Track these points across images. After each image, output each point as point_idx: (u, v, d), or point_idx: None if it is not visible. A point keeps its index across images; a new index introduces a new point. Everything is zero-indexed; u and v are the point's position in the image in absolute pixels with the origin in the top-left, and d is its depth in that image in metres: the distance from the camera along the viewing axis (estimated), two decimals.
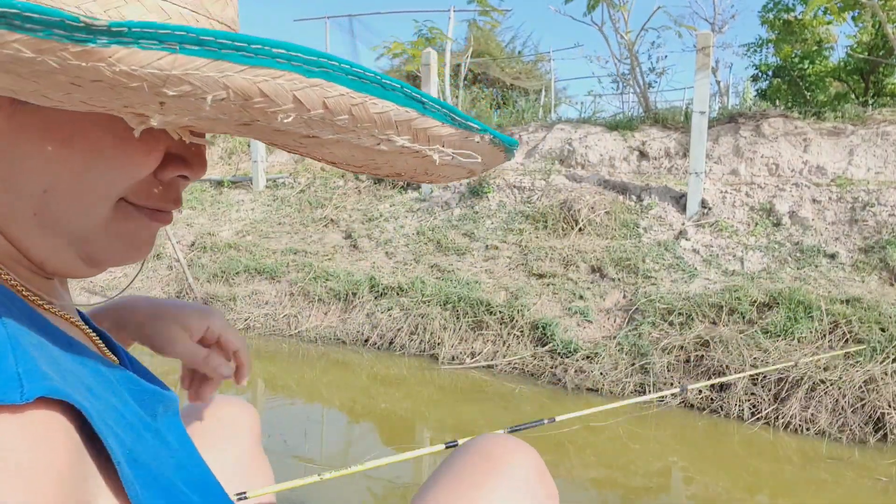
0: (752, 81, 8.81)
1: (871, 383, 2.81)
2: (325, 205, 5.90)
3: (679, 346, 3.30)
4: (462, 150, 0.43)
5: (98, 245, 0.47)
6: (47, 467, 0.34)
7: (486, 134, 0.43)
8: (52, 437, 0.35)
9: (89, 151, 0.43)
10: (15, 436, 0.33)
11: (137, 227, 0.49)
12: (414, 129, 0.39)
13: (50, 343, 0.41)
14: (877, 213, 4.02)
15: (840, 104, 6.11)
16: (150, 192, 0.48)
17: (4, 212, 0.44)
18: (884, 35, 6.12)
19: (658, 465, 2.54)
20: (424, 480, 0.79)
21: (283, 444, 2.51)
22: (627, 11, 6.01)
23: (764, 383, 2.99)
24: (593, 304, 3.86)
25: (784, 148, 4.89)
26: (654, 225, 4.57)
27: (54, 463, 0.35)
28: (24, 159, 0.42)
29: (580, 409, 2.04)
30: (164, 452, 0.49)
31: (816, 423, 2.79)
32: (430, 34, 9.24)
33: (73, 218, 0.45)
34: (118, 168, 0.44)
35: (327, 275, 4.52)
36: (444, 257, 4.68)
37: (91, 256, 0.48)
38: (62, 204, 0.44)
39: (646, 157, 5.43)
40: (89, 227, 0.46)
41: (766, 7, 7.58)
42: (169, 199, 0.50)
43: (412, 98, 0.38)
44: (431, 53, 5.64)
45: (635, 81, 6.41)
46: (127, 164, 0.44)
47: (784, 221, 4.27)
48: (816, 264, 3.83)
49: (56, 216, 0.44)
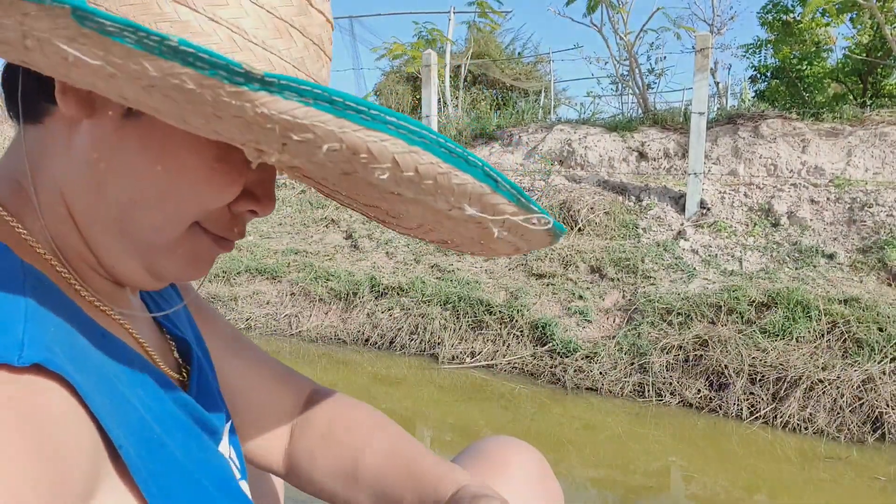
0: (751, 82, 8.84)
1: (869, 383, 2.82)
2: (326, 205, 5.91)
3: (678, 346, 3.31)
4: (518, 228, 0.48)
5: (164, 260, 0.51)
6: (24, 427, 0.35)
7: (543, 217, 0.48)
8: (40, 401, 0.37)
9: (178, 173, 0.47)
10: (13, 393, 0.36)
11: (203, 249, 0.52)
12: (485, 202, 0.44)
13: (76, 331, 0.43)
14: (875, 214, 4.03)
15: (838, 105, 6.13)
16: (222, 220, 0.52)
17: (91, 212, 0.48)
18: (882, 36, 6.13)
19: (657, 465, 2.55)
20: None
21: None
22: (627, 13, 6.03)
23: (762, 383, 3.01)
24: (593, 304, 3.87)
25: (782, 149, 4.91)
26: (653, 225, 4.59)
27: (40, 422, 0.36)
28: (120, 169, 0.46)
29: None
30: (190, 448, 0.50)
31: (815, 423, 2.81)
32: (431, 36, 9.25)
33: (149, 231, 0.49)
34: (200, 194, 0.48)
35: (328, 275, 4.54)
36: (445, 257, 4.69)
37: (155, 269, 0.51)
38: (143, 216, 0.48)
39: (645, 158, 5.44)
40: (162, 242, 0.50)
41: (765, 8, 7.60)
42: (236, 230, 0.54)
43: (489, 176, 0.43)
44: (432, 55, 5.65)
45: (634, 82, 6.43)
46: (209, 192, 0.48)
47: (782, 222, 4.28)
48: (815, 264, 3.85)
49: (135, 226, 0.48)
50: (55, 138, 0.47)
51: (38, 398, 0.37)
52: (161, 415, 0.48)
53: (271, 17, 0.45)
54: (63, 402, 0.39)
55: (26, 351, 0.37)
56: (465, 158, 0.41)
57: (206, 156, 0.47)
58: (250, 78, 0.33)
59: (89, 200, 0.47)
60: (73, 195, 0.48)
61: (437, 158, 0.40)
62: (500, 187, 0.43)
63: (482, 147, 6.24)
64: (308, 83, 0.34)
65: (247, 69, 0.32)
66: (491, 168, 0.43)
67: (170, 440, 0.48)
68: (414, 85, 9.84)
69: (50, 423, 0.37)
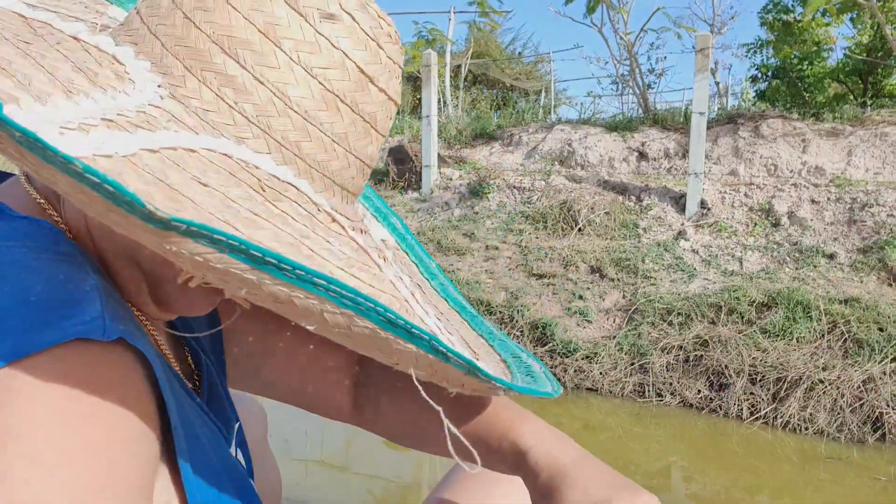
0: (752, 82, 8.83)
1: (869, 383, 2.82)
2: None
3: (678, 346, 3.31)
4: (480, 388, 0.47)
5: (172, 296, 0.50)
6: (120, 398, 0.37)
7: (511, 390, 0.45)
8: (127, 374, 0.38)
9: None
10: (93, 366, 0.36)
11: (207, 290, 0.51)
12: (436, 369, 0.43)
13: (132, 317, 0.45)
14: (875, 214, 4.03)
15: (839, 105, 6.13)
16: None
17: (107, 246, 0.48)
18: (882, 36, 6.13)
19: (658, 465, 2.55)
20: (425, 480, 0.80)
21: (285, 444, 2.52)
22: (627, 13, 6.02)
23: (763, 383, 3.00)
24: (593, 304, 3.87)
25: (783, 149, 4.91)
26: (653, 225, 4.58)
27: (127, 395, 0.38)
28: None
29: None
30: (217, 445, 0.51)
31: (815, 423, 2.80)
32: (431, 35, 9.24)
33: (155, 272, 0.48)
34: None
35: None
36: (445, 257, 4.69)
37: (164, 302, 0.51)
38: (146, 263, 0.47)
39: (645, 158, 5.44)
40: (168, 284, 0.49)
41: (766, 8, 7.60)
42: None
43: (437, 351, 0.41)
44: (432, 55, 5.65)
45: (635, 82, 6.43)
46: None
47: (783, 222, 4.28)
48: (815, 264, 3.84)
49: (142, 266, 0.48)
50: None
51: (127, 375, 0.38)
52: (188, 408, 0.49)
53: (321, 89, 0.44)
54: (144, 377, 0.40)
55: (109, 326, 0.37)
56: (407, 330, 0.39)
57: None
58: (155, 220, 0.31)
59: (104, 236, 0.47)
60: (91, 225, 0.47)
61: (373, 325, 0.38)
62: (452, 361, 0.41)
63: (482, 147, 6.24)
64: (221, 233, 0.32)
65: (150, 210, 0.30)
66: (439, 342, 0.40)
67: (201, 434, 0.48)
68: (414, 85, 9.84)
69: (137, 400, 0.38)
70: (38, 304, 0.35)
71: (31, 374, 0.33)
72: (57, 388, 0.34)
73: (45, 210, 0.47)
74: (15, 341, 0.34)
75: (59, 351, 0.35)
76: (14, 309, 0.35)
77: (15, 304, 0.35)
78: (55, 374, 0.34)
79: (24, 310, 0.35)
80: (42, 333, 0.34)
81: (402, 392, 0.70)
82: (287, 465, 2.34)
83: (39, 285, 0.36)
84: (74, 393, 0.34)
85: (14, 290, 0.36)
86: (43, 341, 0.34)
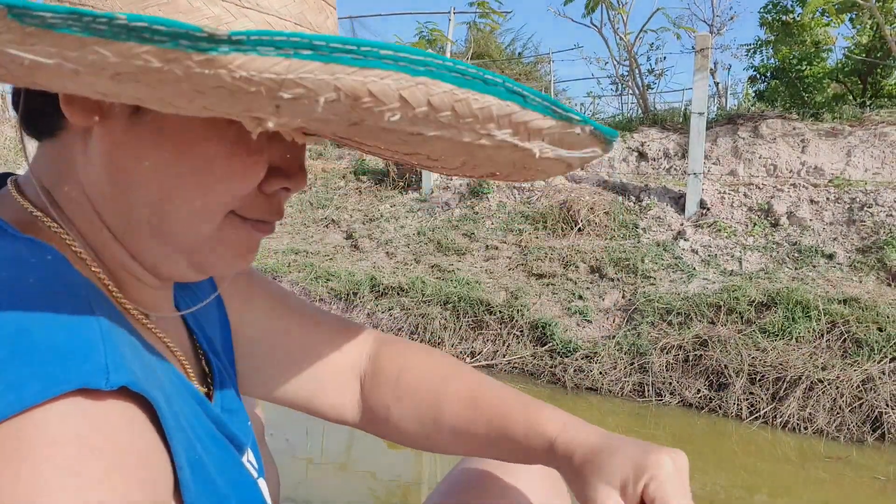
0: (751, 83, 8.84)
1: (868, 383, 2.83)
2: (327, 205, 5.91)
3: (678, 346, 3.31)
4: (563, 142, 0.43)
5: (206, 254, 0.49)
6: (128, 449, 0.36)
7: (586, 125, 0.43)
8: (133, 423, 0.38)
9: (199, 165, 0.45)
10: (99, 417, 0.35)
11: (243, 237, 0.50)
12: (514, 122, 0.40)
13: (137, 346, 0.44)
14: (874, 214, 4.04)
15: (838, 105, 6.13)
16: (256, 204, 0.50)
17: (123, 218, 0.47)
18: (881, 37, 6.14)
19: None
20: (425, 480, 0.80)
21: (286, 443, 2.52)
22: (626, 13, 6.03)
23: (762, 382, 3.01)
24: (592, 304, 3.88)
25: (782, 149, 4.91)
26: (652, 225, 4.59)
27: (135, 445, 0.37)
28: (140, 170, 0.45)
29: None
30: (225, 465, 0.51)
31: (814, 423, 2.81)
32: (431, 36, 9.24)
33: (184, 228, 0.47)
34: (226, 181, 0.46)
35: (328, 275, 4.54)
36: (445, 257, 4.69)
37: (199, 264, 0.50)
38: (176, 215, 0.46)
39: (645, 158, 5.45)
40: (199, 237, 0.48)
41: (765, 8, 7.60)
42: (272, 210, 0.51)
43: (514, 92, 0.38)
44: None
45: (634, 83, 6.43)
46: (234, 178, 0.47)
47: (782, 222, 4.29)
48: (814, 264, 3.85)
49: (170, 225, 0.47)
50: (72, 150, 0.47)
51: (133, 424, 0.37)
52: (199, 431, 0.48)
53: None
54: (149, 424, 0.39)
55: (112, 374, 0.36)
56: (481, 79, 0.36)
57: (223, 140, 0.45)
58: (216, 40, 0.30)
59: (118, 207, 0.47)
60: (102, 203, 0.47)
61: (449, 85, 0.36)
62: (529, 101, 0.39)
63: None
64: (282, 32, 0.31)
65: (209, 32, 0.29)
66: (514, 82, 0.38)
67: (208, 458, 0.48)
68: None
69: (146, 450, 0.38)
70: (39, 352, 0.35)
71: (40, 426, 0.33)
72: (70, 439, 0.34)
73: (37, 220, 0.46)
74: (18, 392, 0.33)
75: (64, 401, 0.34)
76: (13, 358, 0.34)
77: (14, 353, 0.34)
78: (65, 426, 0.34)
79: (25, 359, 0.34)
80: (45, 383, 0.34)
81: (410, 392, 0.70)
82: (288, 464, 2.34)
83: (40, 333, 0.36)
84: (87, 442, 0.34)
85: (13, 337, 0.35)
86: (46, 392, 0.34)
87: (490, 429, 0.66)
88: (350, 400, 0.74)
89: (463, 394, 0.69)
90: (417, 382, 0.71)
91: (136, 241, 0.48)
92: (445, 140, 0.41)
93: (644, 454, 0.58)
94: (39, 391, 0.33)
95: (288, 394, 0.72)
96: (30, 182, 0.49)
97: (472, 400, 0.68)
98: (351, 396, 0.73)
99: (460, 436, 0.68)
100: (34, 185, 0.48)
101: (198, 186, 0.46)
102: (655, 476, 0.56)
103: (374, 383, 0.73)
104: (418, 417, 0.70)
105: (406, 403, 0.71)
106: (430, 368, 0.73)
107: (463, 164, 0.50)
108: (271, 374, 0.71)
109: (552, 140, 0.42)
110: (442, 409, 0.69)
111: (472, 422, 0.67)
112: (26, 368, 0.34)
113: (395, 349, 0.75)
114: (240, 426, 0.59)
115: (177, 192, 0.46)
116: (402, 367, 0.73)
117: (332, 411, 0.73)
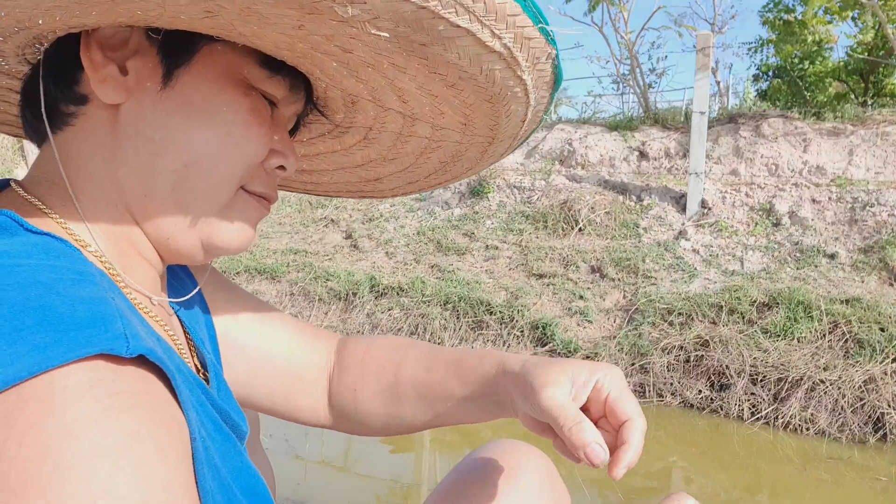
0: (753, 82, 8.82)
1: (870, 383, 2.81)
2: (326, 205, 5.90)
3: (679, 346, 3.30)
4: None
5: (218, 228, 0.54)
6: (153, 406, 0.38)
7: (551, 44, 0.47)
8: (154, 390, 0.40)
9: (221, 130, 0.51)
10: (121, 379, 0.37)
11: (250, 211, 0.56)
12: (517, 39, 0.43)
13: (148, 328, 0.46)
14: (876, 214, 4.02)
15: (840, 104, 6.11)
16: (259, 178, 0.56)
17: (146, 191, 0.51)
18: (883, 35, 6.13)
19: (658, 465, 2.54)
20: (425, 480, 0.80)
21: (285, 443, 2.51)
22: (627, 12, 6.02)
23: (764, 383, 3.00)
24: (593, 304, 3.86)
25: (784, 148, 4.90)
26: (653, 225, 4.57)
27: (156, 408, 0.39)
28: (168, 139, 0.50)
29: None
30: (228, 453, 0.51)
31: (816, 423, 2.80)
32: None
33: (204, 196, 0.52)
34: (243, 145, 0.52)
35: (328, 275, 4.53)
36: (445, 257, 4.68)
37: (209, 240, 0.54)
38: (197, 181, 0.51)
39: (646, 158, 5.43)
40: (215, 207, 0.53)
41: (767, 7, 7.59)
42: (271, 185, 0.58)
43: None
44: None
45: (635, 82, 6.42)
46: (251, 142, 0.53)
47: (784, 221, 4.27)
48: (816, 264, 3.84)
49: (192, 192, 0.52)
50: (94, 132, 0.50)
51: (153, 391, 0.39)
52: (203, 416, 0.49)
53: None
54: (168, 393, 0.41)
55: (131, 343, 0.38)
56: None
57: (240, 110, 0.51)
58: None
59: (143, 179, 0.50)
60: (126, 178, 0.50)
61: None
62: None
63: None
64: None
65: None
66: None
67: (212, 444, 0.48)
68: None
69: (166, 416, 0.39)
70: (63, 321, 0.37)
71: (66, 382, 0.35)
72: (95, 396, 0.35)
73: (47, 215, 0.48)
74: (44, 353, 0.35)
75: (88, 363, 0.36)
76: (40, 325, 0.36)
77: (40, 321, 0.36)
78: (93, 379, 0.36)
79: (50, 326, 0.36)
80: (70, 346, 0.35)
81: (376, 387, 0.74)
82: (288, 464, 2.33)
83: (63, 306, 0.38)
84: (111, 400, 0.36)
85: (38, 308, 0.37)
86: (71, 353, 0.35)
87: (448, 368, 0.70)
88: (322, 402, 0.77)
89: (424, 353, 0.74)
90: (380, 355, 0.76)
91: (155, 214, 0.51)
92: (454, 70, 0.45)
93: (593, 363, 0.63)
94: (63, 353, 0.35)
95: (263, 399, 0.74)
96: (34, 181, 0.51)
97: (431, 352, 0.74)
98: (323, 398, 0.76)
99: (422, 391, 0.71)
100: (40, 184, 0.51)
101: (220, 151, 0.51)
102: (609, 374, 0.60)
103: (341, 370, 0.76)
104: (381, 389, 0.74)
105: (369, 379, 0.74)
106: (392, 344, 0.77)
107: (405, 170, 0.55)
108: (244, 377, 0.72)
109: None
110: (403, 371, 0.73)
111: (431, 370, 0.71)
112: (51, 334, 0.36)
113: (360, 340, 0.80)
114: (239, 415, 0.59)
115: (202, 159, 0.50)
116: (367, 347, 0.77)
117: (307, 415, 0.76)
